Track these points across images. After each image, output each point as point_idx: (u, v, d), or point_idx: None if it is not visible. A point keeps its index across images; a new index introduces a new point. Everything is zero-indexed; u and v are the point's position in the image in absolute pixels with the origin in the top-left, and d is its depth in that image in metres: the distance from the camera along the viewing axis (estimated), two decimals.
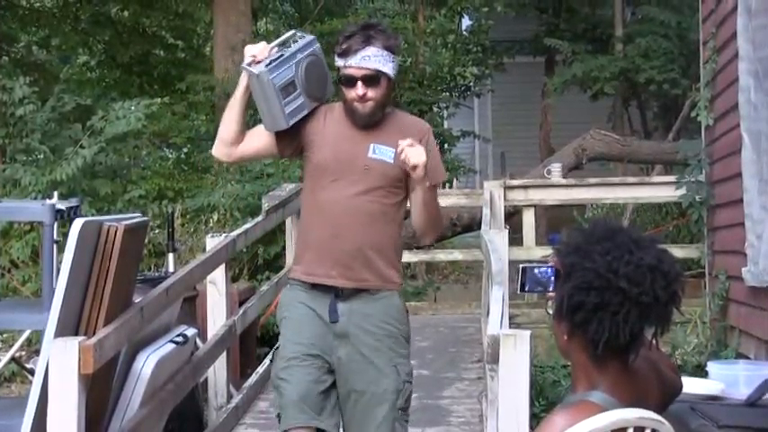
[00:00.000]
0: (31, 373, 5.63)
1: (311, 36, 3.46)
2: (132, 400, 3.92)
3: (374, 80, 3.27)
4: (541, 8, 14.20)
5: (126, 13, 14.39)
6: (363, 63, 3.25)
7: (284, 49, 3.37)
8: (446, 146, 12.67)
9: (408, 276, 11.03)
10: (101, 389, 3.66)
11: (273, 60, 3.31)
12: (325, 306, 3.29)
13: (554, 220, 11.39)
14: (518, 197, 8.28)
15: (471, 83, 14.42)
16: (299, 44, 3.40)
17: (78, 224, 3.44)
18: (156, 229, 8.76)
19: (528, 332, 3.21)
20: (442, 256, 9.60)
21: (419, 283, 10.84)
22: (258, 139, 3.42)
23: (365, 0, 16.09)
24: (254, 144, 3.42)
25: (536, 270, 2.17)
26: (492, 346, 3.31)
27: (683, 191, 7.48)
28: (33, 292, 7.74)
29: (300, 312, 3.30)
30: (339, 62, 3.31)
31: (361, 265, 3.28)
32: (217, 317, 5.63)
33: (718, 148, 6.99)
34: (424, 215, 3.36)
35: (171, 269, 6.46)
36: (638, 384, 2.10)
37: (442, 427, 5.27)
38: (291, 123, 3.33)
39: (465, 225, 10.25)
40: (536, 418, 4.27)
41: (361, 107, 3.29)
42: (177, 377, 4.41)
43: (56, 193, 5.82)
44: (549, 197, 8.52)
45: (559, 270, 2.08)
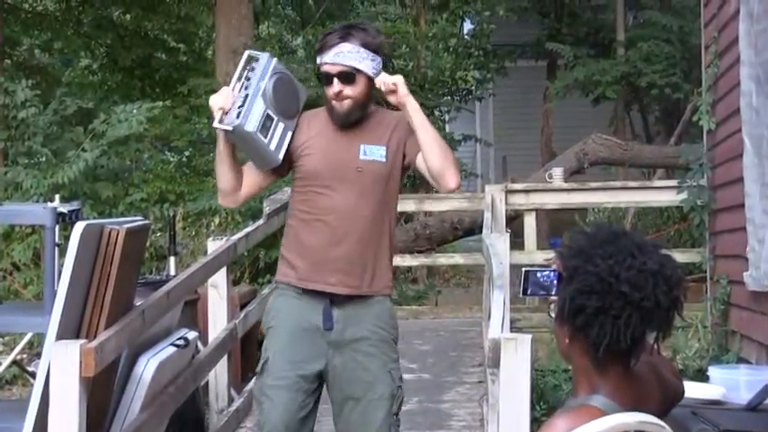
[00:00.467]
0: (33, 376, 5.63)
1: (265, 54, 3.37)
2: (133, 404, 3.92)
3: (350, 77, 3.23)
4: (543, 12, 14.21)
5: (128, 16, 14.41)
6: (337, 59, 3.22)
7: (247, 83, 3.28)
8: None
9: (409, 280, 11.04)
10: (102, 392, 3.65)
11: (241, 105, 3.23)
12: (318, 313, 3.25)
13: (555, 224, 11.38)
14: (519, 201, 8.28)
15: (473, 87, 14.45)
16: (257, 72, 3.30)
17: (80, 227, 3.43)
18: (158, 233, 8.77)
19: (529, 336, 3.20)
20: (443, 259, 9.61)
21: (420, 286, 10.85)
22: (256, 173, 3.38)
23: (367, 4, 16.11)
24: (254, 180, 3.39)
25: (539, 274, 2.16)
26: (493, 349, 3.31)
27: (684, 195, 7.47)
28: (35, 295, 7.75)
29: (292, 324, 3.26)
30: (318, 60, 3.30)
31: (362, 272, 3.26)
32: (218, 320, 5.63)
33: (719, 152, 6.99)
34: (428, 141, 3.22)
35: (172, 272, 6.45)
36: (639, 388, 2.09)
37: (442, 430, 5.27)
38: (282, 155, 3.29)
39: (466, 229, 10.25)
40: (537, 422, 4.26)
41: (338, 105, 3.26)
42: (178, 380, 4.40)
43: (57, 196, 5.81)
44: (551, 201, 8.51)
45: (562, 273, 2.07)
